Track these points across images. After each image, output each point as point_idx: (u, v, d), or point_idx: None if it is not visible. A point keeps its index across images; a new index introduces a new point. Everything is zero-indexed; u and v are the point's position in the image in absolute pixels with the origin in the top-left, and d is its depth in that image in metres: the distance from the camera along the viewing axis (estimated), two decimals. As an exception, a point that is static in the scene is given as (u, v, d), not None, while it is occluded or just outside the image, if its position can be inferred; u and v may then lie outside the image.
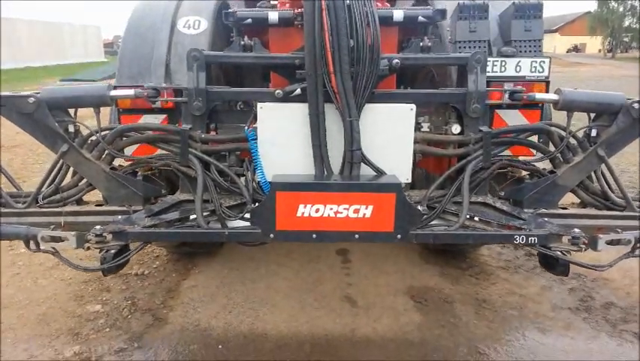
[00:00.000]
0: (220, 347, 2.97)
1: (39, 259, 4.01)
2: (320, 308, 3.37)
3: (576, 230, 2.16)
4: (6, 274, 3.79)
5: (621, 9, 53.47)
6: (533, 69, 2.56)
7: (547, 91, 2.55)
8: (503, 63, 2.56)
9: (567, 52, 67.88)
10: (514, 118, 2.56)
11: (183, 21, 2.79)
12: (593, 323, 3.23)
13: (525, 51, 2.65)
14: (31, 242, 2.12)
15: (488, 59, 2.50)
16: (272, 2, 3.31)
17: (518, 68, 2.57)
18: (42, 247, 2.13)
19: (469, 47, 2.64)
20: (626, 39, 57.47)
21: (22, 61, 35.95)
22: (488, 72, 2.50)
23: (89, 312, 3.28)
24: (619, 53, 55.62)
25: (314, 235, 2.18)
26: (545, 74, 2.58)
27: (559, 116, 2.60)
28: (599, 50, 60.51)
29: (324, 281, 3.71)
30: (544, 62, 2.56)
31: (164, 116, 2.52)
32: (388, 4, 2.97)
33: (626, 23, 54.06)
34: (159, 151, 2.45)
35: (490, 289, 3.62)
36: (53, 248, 2.15)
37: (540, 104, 2.59)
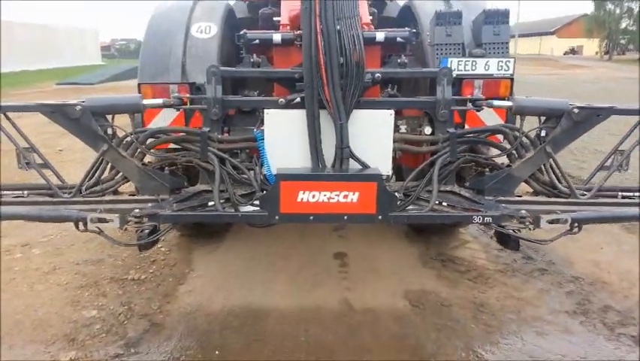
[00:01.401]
0: (217, 352, 2.96)
1: (35, 264, 4.01)
2: (318, 312, 3.36)
3: (523, 211, 2.56)
4: (2, 279, 3.76)
5: (618, 11, 53.64)
6: (500, 68, 2.97)
7: (512, 86, 3.04)
8: (474, 63, 2.96)
9: (564, 54, 68.14)
10: (487, 115, 3.04)
11: (196, 27, 3.31)
12: (590, 326, 3.22)
13: (494, 52, 3.06)
14: (80, 223, 2.47)
15: (460, 59, 2.95)
16: (273, 8, 3.88)
17: (487, 67, 2.98)
18: (89, 228, 2.47)
19: (446, 49, 3.12)
20: (622, 41, 57.63)
21: (18, 64, 35.88)
22: (461, 71, 2.94)
23: (85, 317, 3.27)
24: (616, 55, 55.79)
25: (311, 217, 2.57)
26: (510, 72, 2.97)
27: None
28: (596, 52, 60.71)
29: (321, 285, 3.71)
30: (509, 61, 2.96)
31: (180, 111, 3.03)
32: (373, 27, 3.38)
33: (623, 25, 54.25)
34: (170, 145, 2.96)
35: (487, 292, 3.62)
36: (98, 228, 2.48)
37: (508, 99, 2.95)
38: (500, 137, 2.97)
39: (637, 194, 2.92)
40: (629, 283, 3.74)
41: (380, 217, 2.58)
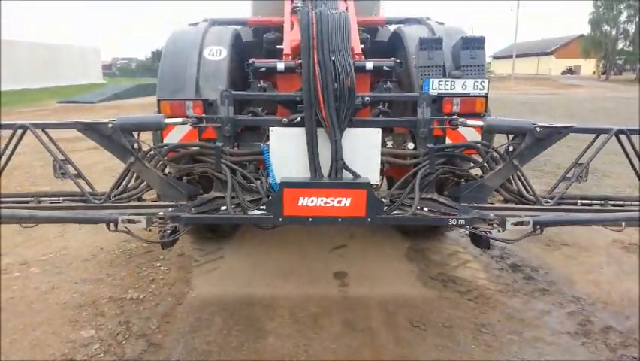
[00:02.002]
0: (216, 373, 2.93)
1: (34, 283, 3.99)
2: (319, 333, 3.34)
3: (491, 215, 2.95)
4: (1, 298, 3.75)
5: (614, 32, 54.25)
6: (476, 87, 3.36)
7: (486, 103, 3.41)
8: (453, 83, 3.36)
9: (562, 74, 68.67)
10: (466, 130, 3.36)
11: (208, 50, 3.73)
12: (592, 347, 3.20)
13: (471, 74, 3.44)
14: (112, 225, 2.74)
15: (441, 80, 3.36)
16: (275, 33, 4.31)
17: (464, 87, 3.36)
18: (119, 228, 2.77)
19: (428, 71, 3.54)
20: (619, 62, 58.19)
21: (20, 82, 36.10)
22: (442, 90, 3.35)
23: (83, 337, 3.24)
24: (613, 75, 56.27)
25: (310, 219, 2.92)
26: (485, 91, 3.37)
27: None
28: (594, 72, 61.23)
29: (322, 306, 3.68)
30: (484, 82, 3.36)
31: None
32: (363, 57, 3.72)
33: (620, 46, 54.81)
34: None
35: (488, 313, 3.60)
36: (127, 228, 2.81)
37: (483, 114, 3.36)
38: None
39: (636, 203, 3.33)
40: (630, 303, 3.72)
41: (369, 220, 2.93)
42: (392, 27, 4.78)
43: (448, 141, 3.40)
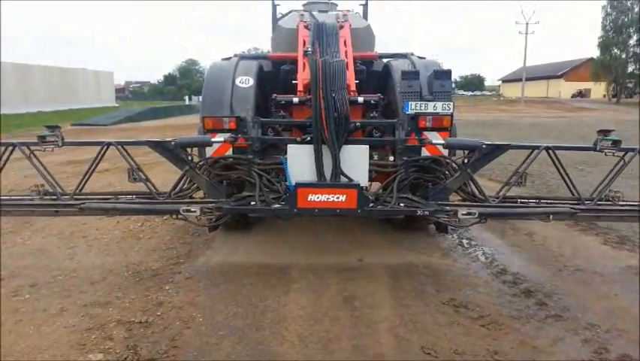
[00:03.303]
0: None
1: (43, 305, 3.98)
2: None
3: (447, 207, 4.26)
4: (9, 321, 3.74)
5: (623, 56, 54.17)
6: (443, 108, 4.39)
7: (451, 120, 4.44)
8: (426, 105, 4.39)
9: (572, 97, 68.51)
10: (436, 137, 4.41)
11: (239, 79, 4.86)
12: (608, 376, 3.12)
13: (440, 98, 4.41)
14: (174, 215, 4.18)
15: (417, 102, 4.39)
16: (290, 65, 5.52)
17: (435, 108, 4.38)
18: (180, 216, 4.13)
19: (408, 96, 4.46)
20: (630, 85, 57.93)
21: (35, 105, 36.73)
22: (418, 109, 4.38)
23: (91, 361, 3.22)
24: (623, 98, 56.01)
25: (316, 210, 4.09)
26: (450, 111, 4.39)
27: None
28: (604, 95, 61.01)
29: (331, 332, 3.64)
30: (450, 104, 4.39)
31: (229, 134, 4.39)
32: (357, 93, 4.88)
33: (630, 69, 54.63)
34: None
35: (501, 339, 3.52)
36: (184, 217, 4.14)
37: (449, 129, 4.45)
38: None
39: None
40: (646, 331, 3.63)
41: (359, 210, 4.10)
42: (386, 60, 5.98)
43: (424, 152, 4.45)
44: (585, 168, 9.82)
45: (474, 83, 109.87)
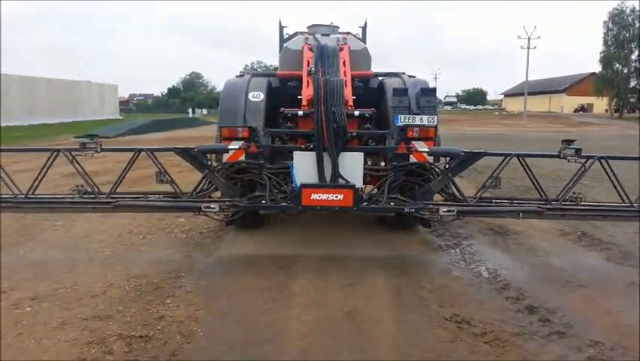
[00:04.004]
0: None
1: (43, 319, 3.96)
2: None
3: (430, 206, 4.94)
4: (9, 334, 3.72)
5: (625, 71, 54.31)
6: (429, 121, 5.13)
7: (436, 131, 5.17)
8: (414, 118, 5.13)
9: (574, 111, 68.59)
10: (422, 146, 5.07)
11: (251, 94, 5.74)
12: (613, 395, 3.07)
13: (426, 112, 5.17)
14: (196, 211, 4.89)
15: (406, 115, 5.13)
16: (296, 82, 6.21)
17: (421, 120, 5.12)
18: (201, 213, 4.84)
19: (398, 110, 5.21)
20: (632, 99, 57.96)
21: (39, 117, 36.95)
22: (407, 122, 5.11)
23: (91, 376, 3.19)
24: (626, 112, 56.00)
25: (318, 207, 4.69)
26: (435, 123, 5.14)
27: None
28: (606, 110, 61.03)
29: (331, 347, 3.61)
30: (434, 117, 5.15)
31: (242, 141, 5.07)
32: (354, 107, 5.55)
33: (632, 84, 54.72)
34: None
35: (504, 356, 3.49)
36: (205, 213, 4.84)
37: (434, 139, 5.15)
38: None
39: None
40: (651, 348, 3.59)
41: (354, 208, 4.68)
42: (381, 77, 6.72)
43: (412, 158, 5.09)
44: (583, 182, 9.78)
45: (476, 97, 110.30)
